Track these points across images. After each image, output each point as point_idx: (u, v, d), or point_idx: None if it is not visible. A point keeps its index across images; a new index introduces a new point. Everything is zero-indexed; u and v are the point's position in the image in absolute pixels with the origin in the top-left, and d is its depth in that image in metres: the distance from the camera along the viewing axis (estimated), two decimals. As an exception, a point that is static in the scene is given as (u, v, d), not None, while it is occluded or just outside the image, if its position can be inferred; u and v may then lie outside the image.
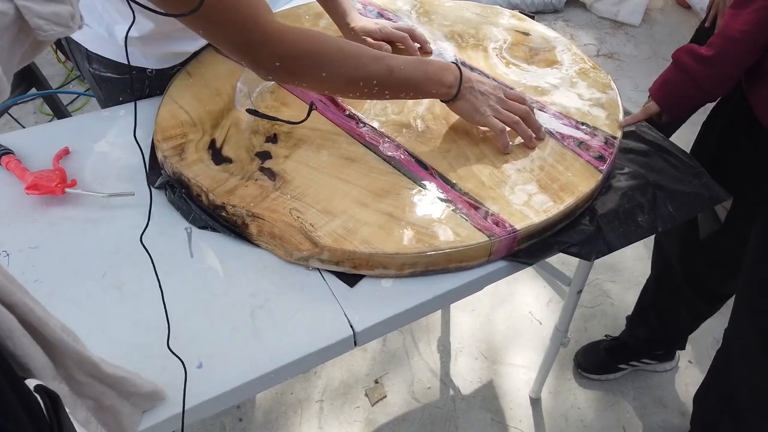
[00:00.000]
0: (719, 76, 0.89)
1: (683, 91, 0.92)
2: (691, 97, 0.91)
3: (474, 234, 0.75)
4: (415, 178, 0.83)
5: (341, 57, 0.78)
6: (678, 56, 0.92)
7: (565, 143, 0.89)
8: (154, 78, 1.02)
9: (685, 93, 0.92)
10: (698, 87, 0.90)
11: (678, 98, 0.93)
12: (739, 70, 0.88)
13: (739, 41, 0.85)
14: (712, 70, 0.89)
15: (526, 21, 1.16)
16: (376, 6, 1.19)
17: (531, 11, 2.94)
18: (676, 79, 0.93)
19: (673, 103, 0.93)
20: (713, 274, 1.16)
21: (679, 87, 0.92)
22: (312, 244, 0.75)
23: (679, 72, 0.91)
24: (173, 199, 0.84)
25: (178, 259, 0.79)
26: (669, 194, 0.87)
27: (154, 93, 1.03)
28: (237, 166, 0.85)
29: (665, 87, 0.93)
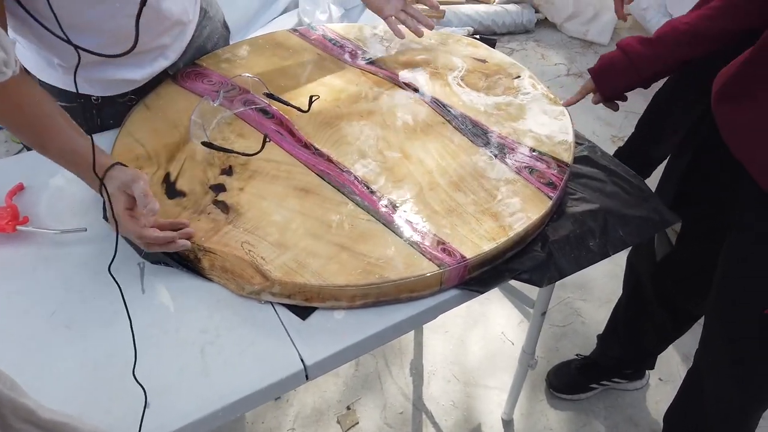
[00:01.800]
0: (653, 56, 0.94)
1: (617, 67, 0.98)
2: (622, 73, 0.97)
3: (424, 264, 0.76)
4: (367, 207, 0.84)
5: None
6: (622, 41, 0.98)
7: (516, 170, 0.90)
8: (102, 106, 1.01)
9: (618, 69, 0.98)
10: (631, 64, 0.96)
11: (611, 74, 0.99)
12: (674, 57, 0.93)
13: (679, 31, 0.92)
14: (647, 50, 0.95)
15: (482, 48, 1.18)
16: (337, 35, 1.21)
17: (502, 32, 3.00)
18: (613, 56, 0.99)
19: (604, 78, 0.99)
20: (679, 291, 1.18)
21: (614, 64, 0.98)
22: (263, 277, 0.75)
23: (618, 51, 0.98)
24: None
25: (129, 296, 0.78)
26: (620, 219, 0.89)
27: (107, 123, 1.03)
28: (190, 200, 0.85)
29: (601, 62, 1.00)
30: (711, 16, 0.91)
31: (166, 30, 0.99)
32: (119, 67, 0.98)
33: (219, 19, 1.17)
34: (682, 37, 0.92)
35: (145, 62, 1.00)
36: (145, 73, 1.01)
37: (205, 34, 1.12)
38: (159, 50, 1.01)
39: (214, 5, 1.16)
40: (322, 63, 1.13)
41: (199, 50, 1.11)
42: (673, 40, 0.93)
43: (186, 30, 1.05)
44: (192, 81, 1.06)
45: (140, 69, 1.00)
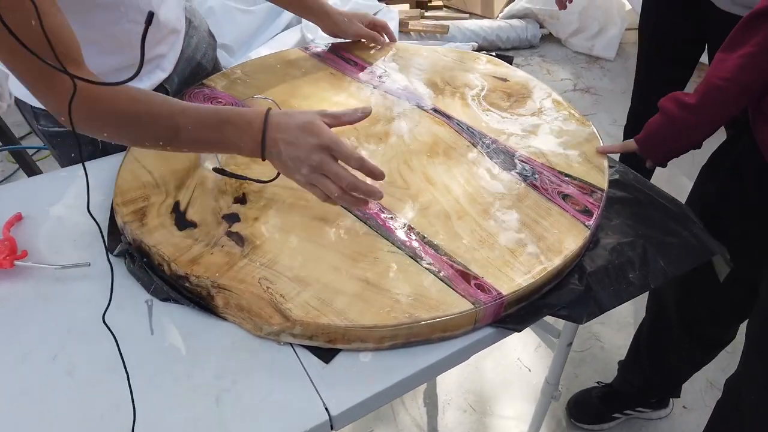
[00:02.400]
0: (702, 123, 0.88)
1: (664, 135, 0.91)
2: (672, 141, 0.91)
3: (458, 301, 0.70)
4: (393, 239, 0.78)
5: (126, 123, 0.72)
6: (663, 104, 0.91)
7: (549, 196, 0.85)
8: None
9: (666, 137, 0.91)
10: (680, 133, 0.89)
11: (658, 142, 0.92)
12: (722, 117, 0.86)
13: (722, 89, 0.83)
14: (694, 118, 0.88)
15: (503, 66, 1.13)
16: (350, 52, 1.16)
17: (506, 47, 2.96)
18: (657, 121, 0.92)
19: (652, 144, 0.92)
20: (715, 323, 1.12)
21: (661, 131, 0.91)
22: (283, 317, 0.69)
23: (660, 116, 0.91)
24: (133, 269, 0.78)
25: (137, 337, 0.72)
26: (659, 248, 0.83)
27: (108, 146, 0.98)
28: (202, 231, 0.79)
29: (646, 128, 0.93)
30: (752, 67, 0.82)
31: (163, 38, 0.95)
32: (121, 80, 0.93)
33: (204, 29, 1.14)
34: (726, 96, 0.85)
35: (143, 75, 0.96)
36: (144, 86, 0.97)
37: (194, 44, 1.08)
38: (156, 61, 0.97)
39: (197, 15, 1.13)
40: (335, 82, 1.08)
41: (189, 61, 1.07)
42: (719, 101, 0.86)
43: (179, 39, 1.01)
44: (200, 102, 1.01)
45: (139, 83, 0.96)
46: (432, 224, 0.80)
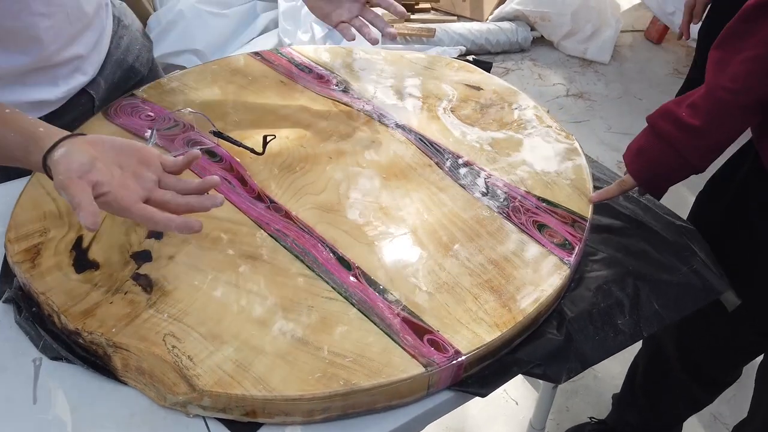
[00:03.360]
0: (707, 147, 0.71)
1: (664, 163, 0.73)
2: (673, 169, 0.73)
3: (406, 363, 0.57)
4: (334, 282, 0.65)
5: None
6: (655, 122, 0.73)
7: (523, 227, 0.71)
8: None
9: (666, 165, 0.73)
10: (682, 158, 0.71)
11: (658, 171, 0.74)
12: (730, 137, 0.70)
13: (730, 104, 0.68)
14: (698, 141, 0.70)
15: (477, 73, 1.00)
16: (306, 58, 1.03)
17: (496, 51, 2.84)
18: (655, 149, 0.74)
19: (651, 176, 0.74)
20: (717, 363, 0.99)
21: (659, 159, 0.73)
22: (189, 386, 0.56)
23: (658, 141, 0.73)
24: (20, 320, 0.65)
25: (15, 406, 0.59)
26: (654, 287, 0.71)
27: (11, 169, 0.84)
28: (104, 274, 0.66)
29: (642, 158, 0.75)
30: (764, 72, 0.67)
31: (77, 35, 0.82)
32: (29, 86, 0.80)
33: (137, 28, 1.01)
34: (736, 111, 0.68)
35: (59, 77, 0.83)
36: (60, 92, 0.84)
37: (124, 45, 0.95)
38: (74, 62, 0.84)
39: (128, 15, 1.00)
40: (285, 92, 0.95)
41: (120, 64, 0.94)
42: (727, 118, 0.69)
43: (102, 39, 0.88)
44: (127, 116, 0.88)
45: (54, 87, 0.83)
46: (381, 263, 0.67)
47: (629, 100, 2.54)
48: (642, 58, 2.84)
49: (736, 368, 0.98)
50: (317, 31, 2.43)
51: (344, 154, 0.83)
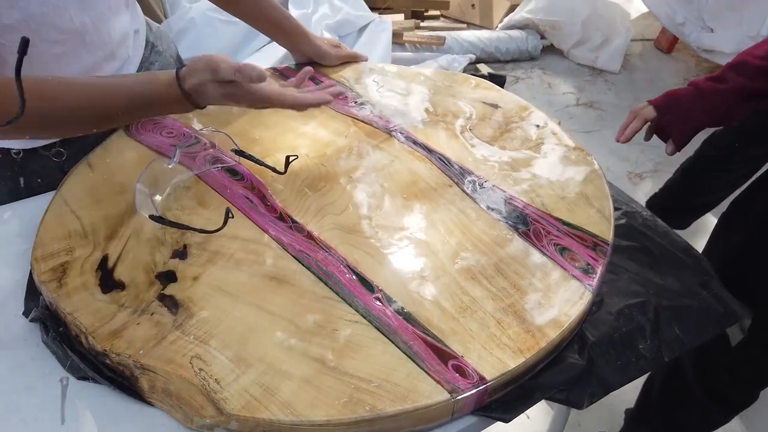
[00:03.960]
0: (727, 90, 0.84)
1: (687, 101, 0.87)
2: (695, 108, 0.86)
3: (431, 389, 0.57)
4: (358, 305, 0.65)
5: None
6: (691, 81, 0.90)
7: (544, 250, 0.72)
8: (26, 162, 0.84)
9: (686, 100, 0.88)
10: (703, 98, 0.86)
11: (679, 108, 0.88)
12: (749, 87, 0.83)
13: (753, 65, 0.82)
14: (720, 84, 0.85)
15: (494, 90, 1.01)
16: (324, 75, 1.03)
17: (506, 59, 2.84)
18: (680, 90, 0.90)
19: (670, 105, 0.89)
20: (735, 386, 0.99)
21: (683, 97, 0.88)
22: (216, 410, 0.56)
23: (688, 86, 0.89)
24: (47, 340, 0.65)
25: (44, 425, 0.60)
26: (675, 312, 0.71)
27: (33, 184, 0.85)
28: (130, 295, 0.66)
29: (667, 95, 0.91)
30: None
31: (98, 64, 0.82)
32: None
33: (171, 54, 1.01)
34: (757, 71, 0.82)
35: None
36: None
37: (155, 70, 0.95)
38: None
39: (164, 39, 1.00)
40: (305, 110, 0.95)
41: None
42: (748, 73, 0.83)
43: (125, 67, 0.88)
44: (148, 133, 0.89)
45: None
46: (405, 285, 0.67)
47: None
48: (652, 68, 2.84)
49: (753, 392, 0.98)
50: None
51: (364, 173, 0.83)
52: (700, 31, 2.60)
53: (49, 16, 0.71)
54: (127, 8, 0.87)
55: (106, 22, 0.81)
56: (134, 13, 0.90)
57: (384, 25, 2.51)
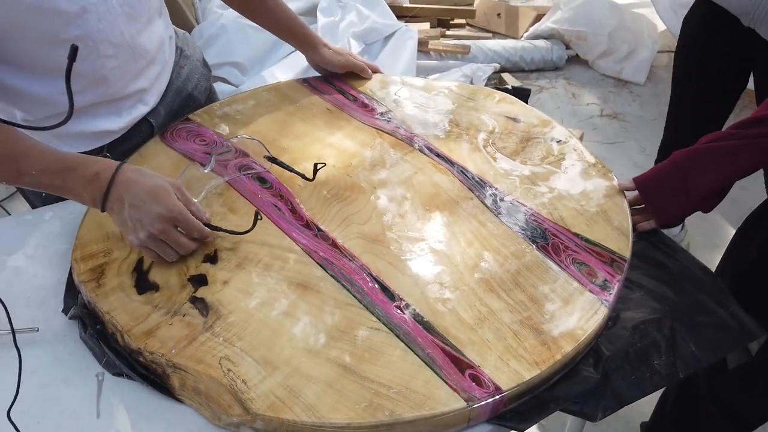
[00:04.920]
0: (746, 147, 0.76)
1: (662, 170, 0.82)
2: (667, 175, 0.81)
3: (448, 397, 0.60)
4: (380, 313, 0.68)
5: None
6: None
7: (562, 265, 0.74)
8: None
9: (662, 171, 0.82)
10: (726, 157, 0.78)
11: (657, 178, 0.82)
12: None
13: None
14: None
15: (517, 105, 1.03)
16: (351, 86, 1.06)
17: (530, 68, 2.85)
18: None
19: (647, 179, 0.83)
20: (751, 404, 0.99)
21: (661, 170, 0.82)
22: (243, 409, 0.59)
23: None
24: (85, 337, 0.69)
25: (80, 419, 0.63)
26: (690, 329, 0.72)
27: None
28: (163, 296, 0.70)
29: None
30: None
31: (141, 71, 0.87)
32: (95, 117, 0.85)
33: (198, 58, 1.05)
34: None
35: (123, 109, 0.88)
36: (124, 122, 0.88)
37: (184, 74, 1.00)
38: (137, 95, 0.89)
39: (190, 44, 1.05)
40: (332, 120, 0.98)
41: (178, 93, 0.99)
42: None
43: (164, 71, 0.93)
44: (182, 140, 0.93)
45: (118, 118, 0.88)
46: (425, 295, 0.70)
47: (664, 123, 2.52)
48: (678, 80, 2.81)
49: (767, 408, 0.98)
50: (354, 46, 2.48)
51: (388, 184, 0.86)
52: None
53: (104, 32, 0.75)
54: (160, 16, 0.91)
55: (148, 32, 0.85)
56: (166, 20, 0.95)
57: (410, 33, 2.54)
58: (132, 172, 0.71)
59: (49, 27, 0.70)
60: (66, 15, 0.70)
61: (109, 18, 0.75)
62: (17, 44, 0.71)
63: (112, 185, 0.69)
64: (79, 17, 0.72)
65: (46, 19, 0.69)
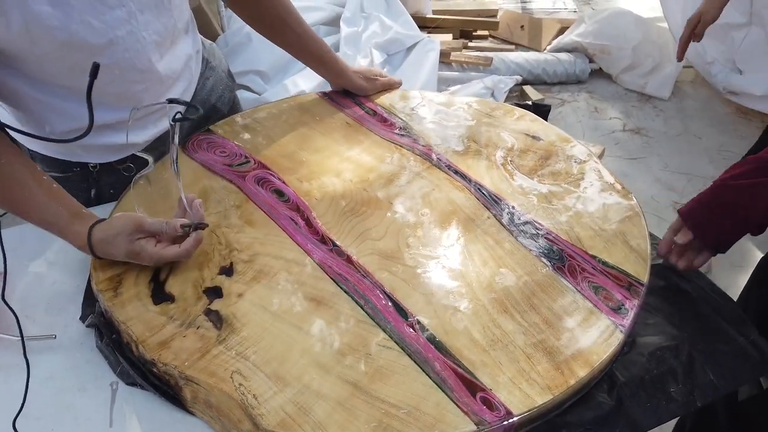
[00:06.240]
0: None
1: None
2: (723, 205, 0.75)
3: (458, 420, 0.59)
4: (392, 331, 0.68)
5: None
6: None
7: (578, 288, 0.73)
8: (100, 174, 0.90)
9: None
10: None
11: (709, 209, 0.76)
12: None
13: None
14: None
15: (537, 122, 1.02)
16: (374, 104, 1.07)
17: (552, 81, 2.83)
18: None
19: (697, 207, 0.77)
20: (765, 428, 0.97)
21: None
22: (252, 424, 0.60)
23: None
24: (100, 345, 0.70)
25: (94, 426, 0.64)
26: (709, 356, 0.71)
27: (105, 193, 0.92)
28: (179, 307, 0.71)
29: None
30: None
31: (168, 88, 0.88)
32: (120, 131, 0.86)
33: (223, 69, 1.07)
34: None
35: (148, 123, 0.89)
36: (149, 135, 0.90)
37: (209, 86, 1.01)
38: (163, 110, 0.90)
39: (217, 55, 1.06)
40: (351, 134, 0.99)
41: (202, 104, 1.00)
42: None
43: (190, 86, 0.95)
44: (203, 151, 0.94)
45: (143, 131, 0.89)
46: (438, 315, 0.70)
47: (688, 139, 2.49)
48: (703, 96, 2.78)
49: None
50: (376, 57, 2.49)
51: (405, 199, 0.86)
52: (728, 72, 2.56)
53: (131, 61, 0.77)
54: (186, 33, 0.92)
55: (173, 53, 0.87)
56: (194, 35, 0.96)
57: (432, 45, 2.54)
58: (101, 232, 0.72)
59: (77, 58, 0.72)
60: (94, 47, 0.72)
61: (137, 47, 0.77)
62: (44, 69, 0.73)
63: (93, 250, 0.73)
64: (107, 49, 0.73)
65: (75, 52, 0.71)
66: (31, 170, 0.74)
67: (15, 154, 0.73)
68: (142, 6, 0.75)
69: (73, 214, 0.74)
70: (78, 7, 0.69)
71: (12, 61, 0.71)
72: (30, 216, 0.74)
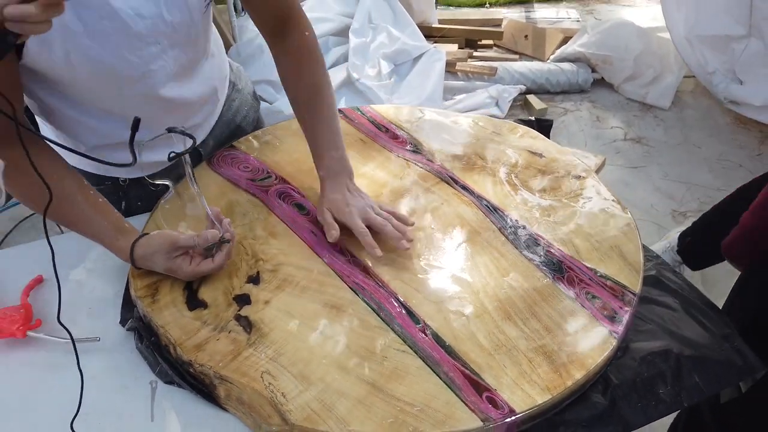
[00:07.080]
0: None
1: None
2: None
3: (466, 417, 0.66)
4: (406, 336, 0.74)
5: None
6: None
7: (576, 297, 0.79)
8: (129, 188, 0.97)
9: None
10: None
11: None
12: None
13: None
14: None
15: (540, 139, 1.09)
16: (383, 118, 1.14)
17: (555, 90, 2.90)
18: None
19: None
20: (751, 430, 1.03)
21: None
22: (281, 419, 0.66)
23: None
24: (141, 347, 0.77)
25: (137, 422, 0.71)
26: (695, 362, 0.77)
27: (134, 206, 0.99)
28: (211, 313, 0.77)
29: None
30: None
31: (195, 111, 0.95)
32: (149, 150, 0.93)
33: (248, 92, 1.13)
34: None
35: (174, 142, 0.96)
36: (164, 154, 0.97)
37: (234, 107, 1.08)
38: (190, 130, 0.96)
39: (243, 78, 1.12)
40: (364, 150, 1.06)
41: (227, 124, 1.07)
42: None
43: (216, 108, 1.01)
44: (228, 166, 1.01)
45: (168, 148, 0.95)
46: (447, 321, 0.76)
47: (688, 148, 2.55)
48: (703, 106, 2.84)
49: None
50: (384, 67, 2.56)
51: (416, 213, 0.92)
52: (729, 82, 2.62)
53: (159, 89, 0.84)
54: (213, 57, 0.97)
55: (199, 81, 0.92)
56: (221, 61, 1.02)
57: (438, 55, 2.61)
58: (141, 248, 0.79)
59: (112, 86, 0.79)
60: (128, 79, 0.79)
61: (165, 80, 0.83)
62: (81, 93, 0.80)
63: (135, 264, 0.80)
64: (140, 80, 0.80)
65: (110, 82, 0.78)
66: (80, 185, 0.80)
67: (64, 168, 0.80)
68: (173, 42, 0.82)
69: (117, 229, 0.80)
70: (116, 42, 0.75)
71: (52, 84, 0.78)
72: (78, 228, 0.81)
